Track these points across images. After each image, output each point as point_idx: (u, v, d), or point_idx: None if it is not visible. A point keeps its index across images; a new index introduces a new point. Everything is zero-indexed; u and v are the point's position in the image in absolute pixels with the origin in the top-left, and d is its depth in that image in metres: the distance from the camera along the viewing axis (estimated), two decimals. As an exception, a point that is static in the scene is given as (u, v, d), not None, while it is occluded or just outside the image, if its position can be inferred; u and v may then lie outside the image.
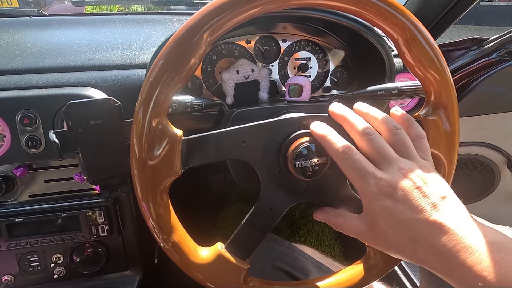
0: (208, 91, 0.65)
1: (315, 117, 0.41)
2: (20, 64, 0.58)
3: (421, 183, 0.31)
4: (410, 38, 0.38)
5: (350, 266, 0.47)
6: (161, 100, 0.35)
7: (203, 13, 0.34)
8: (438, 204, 0.30)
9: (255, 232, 0.42)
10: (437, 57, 0.39)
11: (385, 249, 0.33)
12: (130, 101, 0.46)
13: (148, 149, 0.35)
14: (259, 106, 0.58)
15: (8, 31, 0.68)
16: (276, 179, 0.41)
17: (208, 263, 0.39)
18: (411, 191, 0.30)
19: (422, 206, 0.30)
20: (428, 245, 0.29)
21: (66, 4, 3.46)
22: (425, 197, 0.30)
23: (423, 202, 0.30)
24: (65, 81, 0.56)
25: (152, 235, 0.38)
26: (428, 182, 0.31)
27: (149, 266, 0.77)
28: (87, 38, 0.67)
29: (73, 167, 0.61)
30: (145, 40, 0.68)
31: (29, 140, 0.53)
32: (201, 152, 0.38)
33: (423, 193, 0.31)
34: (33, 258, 0.63)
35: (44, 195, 0.62)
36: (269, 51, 0.67)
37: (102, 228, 0.62)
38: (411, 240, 0.30)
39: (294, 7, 0.36)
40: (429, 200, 0.30)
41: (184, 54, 0.34)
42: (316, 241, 1.21)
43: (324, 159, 0.39)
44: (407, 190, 0.31)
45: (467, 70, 0.82)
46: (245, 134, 0.39)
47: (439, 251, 0.28)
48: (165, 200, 0.38)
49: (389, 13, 0.37)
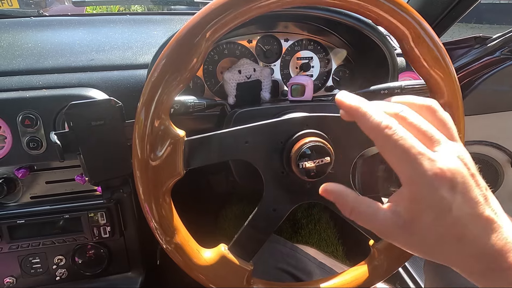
0: (209, 91, 0.65)
1: (318, 117, 0.41)
2: (21, 65, 0.58)
3: (474, 170, 0.26)
4: (415, 36, 0.38)
5: (354, 267, 0.46)
6: (163, 101, 0.34)
7: (205, 13, 0.33)
8: (488, 197, 0.25)
9: (258, 233, 0.41)
10: (441, 55, 0.39)
11: (416, 249, 0.27)
12: (132, 101, 0.46)
13: (150, 150, 0.35)
14: (261, 106, 0.58)
15: (8, 32, 0.68)
16: (279, 180, 0.41)
17: (211, 264, 0.39)
18: (469, 180, 0.25)
19: (477, 198, 0.25)
20: (477, 246, 0.25)
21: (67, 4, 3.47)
22: (479, 188, 0.25)
23: (478, 193, 0.25)
24: (66, 82, 0.56)
25: (155, 236, 0.38)
26: (476, 170, 0.26)
27: (151, 267, 0.76)
28: (88, 38, 0.67)
29: (74, 168, 0.61)
30: (146, 40, 0.67)
31: (30, 141, 0.53)
32: (204, 153, 0.38)
33: (477, 182, 0.25)
34: (35, 259, 0.63)
35: (46, 197, 0.62)
36: (271, 51, 0.66)
37: (104, 229, 0.62)
38: (459, 239, 0.25)
39: (298, 5, 0.36)
40: (481, 192, 0.25)
41: (186, 54, 0.34)
42: (318, 241, 1.20)
43: (328, 159, 0.39)
44: (466, 178, 0.25)
45: (470, 68, 0.81)
46: (248, 134, 0.39)
47: (488, 252, 0.24)
48: (167, 202, 0.37)
49: (393, 11, 0.37)
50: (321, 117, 0.41)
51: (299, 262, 0.58)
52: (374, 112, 0.27)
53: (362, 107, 0.28)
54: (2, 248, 0.60)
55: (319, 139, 0.39)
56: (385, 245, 0.44)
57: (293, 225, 1.28)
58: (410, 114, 0.27)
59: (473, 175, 0.25)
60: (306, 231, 1.24)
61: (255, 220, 0.41)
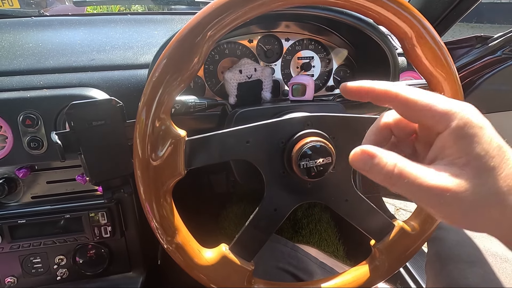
0: (210, 90, 0.65)
1: (319, 117, 0.41)
2: (21, 64, 0.58)
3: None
4: (416, 36, 0.38)
5: (355, 267, 0.46)
6: (164, 100, 0.34)
7: (206, 12, 0.33)
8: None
9: (259, 233, 0.41)
10: (443, 54, 0.39)
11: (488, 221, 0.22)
12: (133, 101, 0.46)
13: (151, 150, 0.35)
14: (263, 106, 0.58)
15: (9, 31, 0.68)
16: (280, 179, 0.41)
17: (212, 264, 0.39)
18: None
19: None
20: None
21: (67, 4, 3.46)
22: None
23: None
24: (67, 82, 0.56)
25: (156, 236, 0.38)
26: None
27: (152, 267, 0.76)
28: (89, 38, 0.67)
29: (75, 168, 0.61)
30: (147, 40, 0.67)
31: (31, 141, 0.53)
32: (205, 153, 0.38)
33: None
34: (36, 259, 0.63)
35: (47, 197, 0.62)
36: (272, 50, 0.66)
37: (105, 229, 0.62)
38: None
39: (299, 5, 0.36)
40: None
41: (187, 54, 0.34)
42: (319, 241, 1.20)
43: (329, 159, 0.39)
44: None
45: (471, 68, 0.81)
46: (249, 134, 0.39)
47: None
48: (168, 201, 0.37)
49: (395, 10, 0.36)
50: (322, 117, 0.41)
51: (300, 262, 0.58)
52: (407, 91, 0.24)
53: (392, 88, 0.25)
54: (3, 248, 0.60)
55: (320, 139, 0.39)
56: (386, 245, 0.44)
57: (294, 225, 1.28)
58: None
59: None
60: (306, 231, 1.23)
61: (256, 220, 0.41)
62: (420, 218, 0.46)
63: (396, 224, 0.45)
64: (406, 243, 0.45)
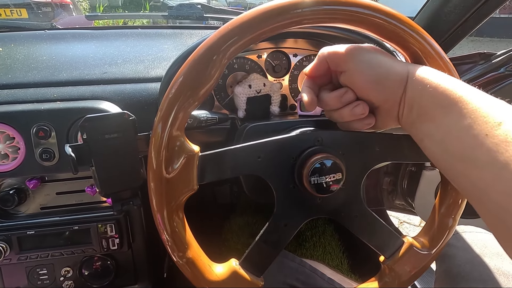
0: (219, 104, 0.66)
1: (330, 133, 0.41)
2: (36, 77, 0.59)
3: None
4: (423, 54, 0.39)
5: (364, 284, 0.46)
6: (179, 116, 0.35)
7: (223, 32, 0.34)
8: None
9: (269, 248, 0.41)
10: (449, 71, 0.39)
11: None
12: (144, 114, 0.46)
13: (166, 164, 0.35)
14: (272, 121, 0.58)
15: (23, 44, 0.69)
16: (290, 195, 0.41)
17: (223, 280, 0.39)
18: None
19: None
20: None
21: (75, 15, 3.52)
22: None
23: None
24: (80, 95, 0.57)
25: (166, 249, 0.38)
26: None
27: (158, 280, 0.76)
28: (101, 52, 0.69)
29: (84, 180, 0.61)
30: (157, 54, 0.69)
31: (43, 153, 0.53)
32: (217, 168, 0.38)
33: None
34: (42, 271, 0.63)
35: (56, 208, 0.62)
36: (280, 66, 0.68)
37: (113, 241, 0.62)
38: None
39: (312, 25, 0.37)
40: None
41: (203, 72, 0.34)
42: (323, 254, 1.19)
43: (339, 175, 0.39)
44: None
45: (475, 84, 0.81)
46: (261, 149, 0.39)
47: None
48: (180, 217, 0.38)
49: (402, 30, 0.37)
50: (333, 134, 0.42)
51: (309, 278, 0.58)
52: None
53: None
54: (11, 260, 0.60)
55: (331, 155, 0.39)
56: (396, 262, 0.44)
57: (298, 238, 1.26)
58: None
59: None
60: (310, 244, 1.22)
61: (266, 235, 0.41)
62: (429, 235, 0.46)
63: (405, 241, 0.45)
64: (416, 260, 0.44)
